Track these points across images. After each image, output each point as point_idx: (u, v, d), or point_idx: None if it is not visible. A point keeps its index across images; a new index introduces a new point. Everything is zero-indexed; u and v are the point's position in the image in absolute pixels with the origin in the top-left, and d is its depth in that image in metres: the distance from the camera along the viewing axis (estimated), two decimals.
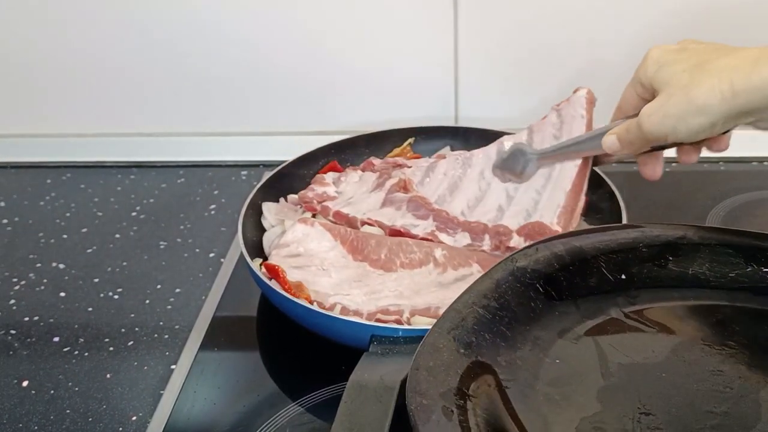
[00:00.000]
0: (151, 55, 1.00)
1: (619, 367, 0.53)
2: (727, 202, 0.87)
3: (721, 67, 0.56)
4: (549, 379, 0.52)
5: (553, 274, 0.58)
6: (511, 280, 0.57)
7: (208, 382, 0.67)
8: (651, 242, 0.61)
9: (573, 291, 0.59)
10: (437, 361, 0.50)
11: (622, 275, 0.60)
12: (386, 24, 0.96)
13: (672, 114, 0.59)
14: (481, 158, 0.82)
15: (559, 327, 0.56)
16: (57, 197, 0.98)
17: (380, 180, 0.83)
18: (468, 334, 0.52)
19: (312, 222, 0.77)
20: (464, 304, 0.54)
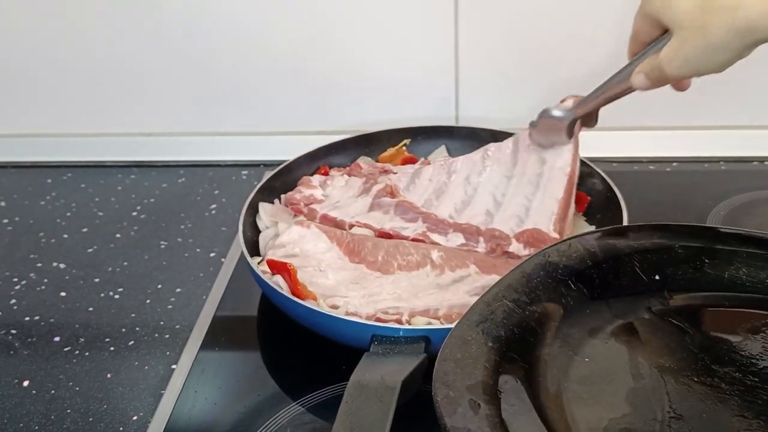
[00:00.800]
0: (151, 55, 1.00)
1: (650, 369, 0.52)
2: (727, 202, 0.87)
3: (734, 5, 0.54)
4: (578, 377, 0.51)
5: (585, 271, 0.57)
6: (543, 275, 0.56)
7: (209, 382, 0.67)
8: (687, 243, 0.60)
9: (605, 289, 0.58)
10: (465, 354, 0.49)
11: (656, 276, 0.59)
12: (386, 24, 0.96)
13: (692, 57, 0.58)
14: (465, 164, 0.83)
15: (589, 325, 0.55)
16: (57, 197, 0.98)
17: (366, 185, 0.83)
18: (497, 328, 0.51)
19: (308, 224, 0.77)
20: (494, 297, 0.54)
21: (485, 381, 0.47)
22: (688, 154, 0.97)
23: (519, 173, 0.79)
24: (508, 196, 0.78)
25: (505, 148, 0.82)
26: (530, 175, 0.78)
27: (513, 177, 0.80)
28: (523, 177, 0.79)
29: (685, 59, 0.58)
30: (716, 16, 0.55)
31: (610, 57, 0.94)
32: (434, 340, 0.61)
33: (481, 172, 0.82)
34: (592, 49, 0.95)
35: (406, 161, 0.90)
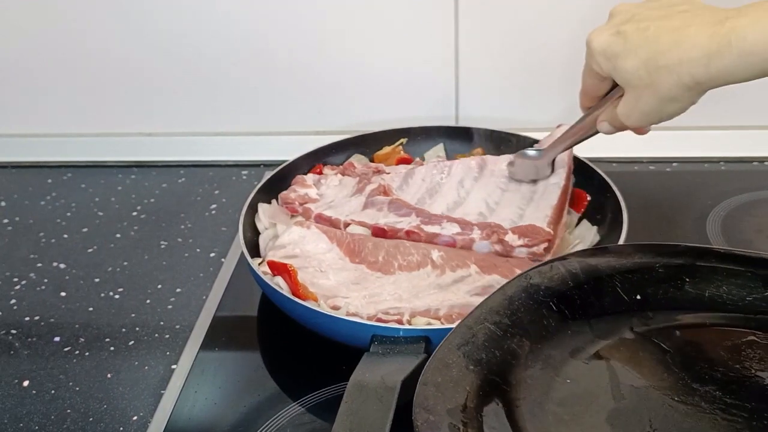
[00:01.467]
0: (151, 55, 1.00)
1: (631, 389, 0.52)
2: (727, 202, 0.87)
3: (676, 62, 0.55)
4: (559, 399, 0.51)
5: (567, 293, 0.58)
6: (524, 297, 0.57)
7: (209, 382, 0.67)
8: (667, 263, 0.60)
9: (586, 310, 0.58)
10: (446, 377, 0.49)
11: (637, 296, 0.59)
12: (386, 24, 0.96)
13: (648, 111, 0.60)
14: (460, 168, 0.84)
15: (571, 346, 0.56)
16: (58, 197, 0.98)
17: (360, 185, 0.84)
18: (478, 351, 0.52)
19: (308, 225, 0.77)
20: (475, 320, 0.54)
21: (466, 405, 0.48)
22: (688, 154, 0.97)
23: (513, 188, 0.81)
24: (501, 205, 0.78)
25: (502, 161, 0.83)
26: (524, 190, 0.80)
27: (507, 190, 0.80)
28: (517, 192, 0.80)
29: (641, 114, 0.60)
30: (662, 75, 0.56)
31: None
32: (434, 340, 0.61)
33: (477, 179, 0.82)
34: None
35: (401, 161, 0.90)
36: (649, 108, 0.59)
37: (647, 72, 0.57)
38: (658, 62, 0.56)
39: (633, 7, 0.62)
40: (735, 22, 0.53)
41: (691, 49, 0.54)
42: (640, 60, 0.58)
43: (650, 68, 0.57)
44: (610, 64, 0.61)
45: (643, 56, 0.57)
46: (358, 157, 0.91)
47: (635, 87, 0.59)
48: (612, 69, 0.61)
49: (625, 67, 0.59)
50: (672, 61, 0.55)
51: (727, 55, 0.53)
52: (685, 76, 0.55)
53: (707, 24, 0.54)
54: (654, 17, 0.58)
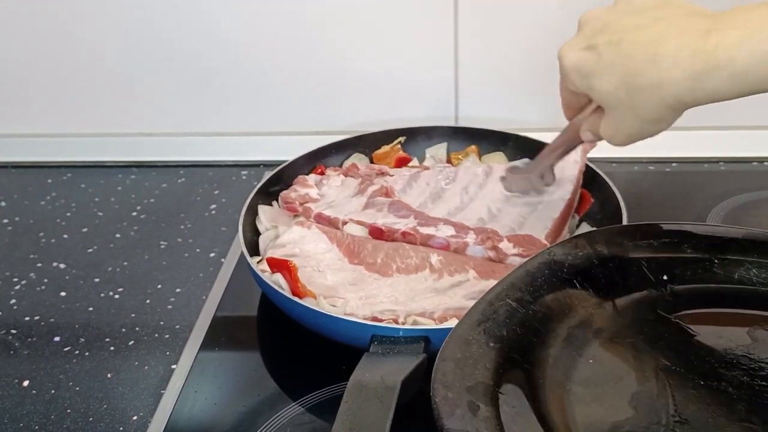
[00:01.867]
0: (151, 55, 1.00)
1: (656, 371, 0.50)
2: (727, 202, 0.87)
3: (657, 83, 0.51)
4: (581, 379, 0.50)
5: (591, 271, 0.56)
6: (548, 273, 0.55)
7: (209, 382, 0.67)
8: (696, 243, 0.58)
9: (611, 289, 0.56)
10: (465, 354, 0.48)
11: (664, 276, 0.57)
12: (386, 24, 0.96)
13: (633, 132, 0.56)
14: (466, 174, 0.84)
15: (594, 326, 0.53)
16: (57, 197, 0.98)
17: (362, 186, 0.84)
18: (499, 328, 0.50)
19: (309, 224, 0.77)
20: (497, 295, 0.52)
21: (485, 382, 0.46)
22: (688, 155, 0.97)
23: (518, 197, 0.80)
24: (503, 212, 0.78)
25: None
26: (529, 200, 0.80)
27: (511, 199, 0.80)
28: (521, 201, 0.80)
29: (625, 135, 0.56)
30: (642, 96, 0.52)
31: None
32: (434, 340, 0.61)
33: (482, 186, 0.82)
34: None
35: (400, 160, 0.90)
36: (632, 129, 0.55)
37: (626, 93, 0.53)
38: (637, 83, 0.52)
39: (604, 13, 0.57)
40: (721, 38, 0.48)
41: (672, 68, 0.50)
42: (617, 79, 0.53)
43: (629, 89, 0.52)
44: (584, 83, 0.56)
45: (620, 75, 0.53)
46: (359, 156, 0.91)
47: (615, 108, 0.55)
48: (587, 88, 0.56)
49: (601, 87, 0.55)
50: (652, 82, 0.51)
51: (714, 76, 0.48)
52: (669, 98, 0.51)
53: (688, 37, 0.50)
54: (627, 27, 0.53)
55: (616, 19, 0.55)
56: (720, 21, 0.49)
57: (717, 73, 0.48)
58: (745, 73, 0.48)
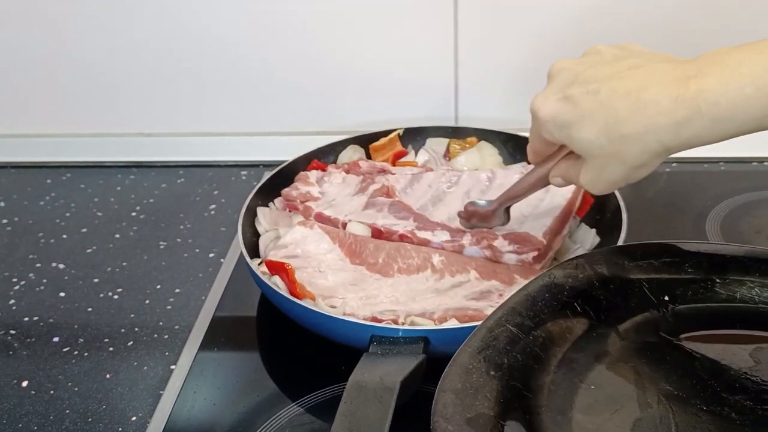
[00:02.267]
0: (151, 55, 1.00)
1: (658, 397, 0.50)
2: (727, 202, 0.87)
3: (642, 131, 0.50)
4: (583, 406, 0.49)
5: (592, 293, 0.55)
6: (548, 297, 0.54)
7: (208, 383, 0.67)
8: (696, 262, 0.57)
9: (612, 311, 0.55)
10: (466, 384, 0.47)
11: (665, 296, 0.56)
12: (386, 24, 0.96)
13: (616, 180, 0.55)
14: (469, 179, 0.83)
15: (596, 350, 0.53)
16: (57, 197, 0.98)
17: (363, 184, 0.83)
18: (499, 355, 0.50)
19: (311, 224, 0.77)
20: (496, 321, 0.51)
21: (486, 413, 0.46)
22: (688, 155, 0.96)
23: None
24: None
25: (511, 175, 0.82)
26: (531, 199, 0.78)
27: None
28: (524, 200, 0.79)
29: (608, 183, 0.55)
30: (627, 144, 0.51)
31: None
32: (433, 340, 0.61)
33: (484, 191, 0.81)
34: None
35: (399, 154, 0.90)
36: (616, 177, 0.54)
37: (609, 141, 0.52)
38: (621, 131, 0.51)
39: (574, 64, 0.56)
40: (701, 84, 0.48)
41: (656, 116, 0.49)
42: (598, 128, 0.52)
43: (612, 137, 0.51)
44: (563, 134, 0.55)
45: (601, 124, 0.52)
46: (354, 148, 0.90)
47: (596, 157, 0.54)
48: (566, 138, 0.55)
49: (582, 137, 0.53)
50: (636, 130, 0.50)
51: (697, 122, 0.48)
52: (653, 144, 0.50)
53: (667, 84, 0.49)
54: (602, 77, 0.53)
55: (588, 70, 0.54)
56: (698, 67, 0.49)
57: (700, 119, 0.48)
58: (727, 118, 0.48)
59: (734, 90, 0.47)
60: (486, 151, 0.89)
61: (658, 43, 0.88)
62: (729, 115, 0.48)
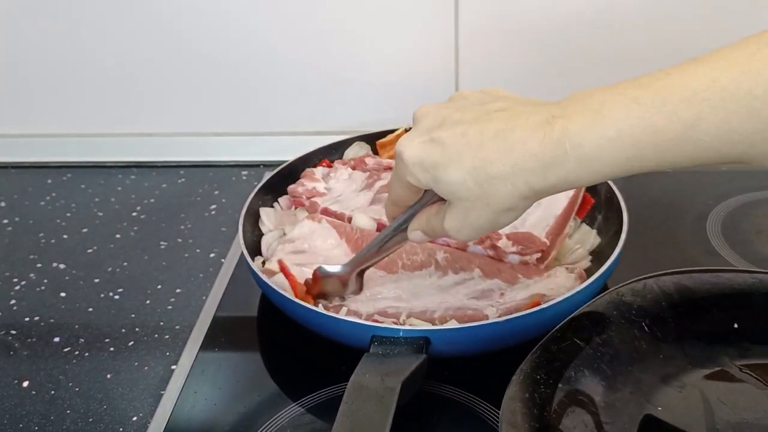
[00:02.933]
0: (151, 55, 1.00)
1: (727, 424, 0.49)
2: (727, 202, 0.87)
3: (510, 172, 0.49)
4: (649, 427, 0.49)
5: (660, 314, 0.55)
6: (616, 315, 0.54)
7: (209, 383, 0.67)
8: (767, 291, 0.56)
9: (680, 334, 0.55)
10: (534, 394, 0.47)
11: (735, 324, 0.56)
12: (386, 24, 0.96)
13: (481, 225, 0.53)
14: None
15: (663, 372, 0.53)
16: (57, 197, 0.98)
17: (369, 181, 0.84)
18: (567, 368, 0.50)
19: (319, 218, 0.77)
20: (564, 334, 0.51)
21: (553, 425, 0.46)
22: None
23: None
24: None
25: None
26: None
27: None
28: None
29: (473, 227, 0.54)
30: (495, 186, 0.50)
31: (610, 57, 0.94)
32: (434, 340, 0.61)
33: None
34: (593, 50, 0.94)
35: None
36: (482, 221, 0.53)
37: (476, 183, 0.51)
38: (488, 172, 0.50)
39: (439, 108, 0.55)
40: (565, 124, 0.47)
41: (523, 157, 0.49)
42: (465, 169, 0.51)
43: (480, 179, 0.50)
44: (428, 176, 0.53)
45: (468, 165, 0.50)
46: (360, 144, 0.90)
47: (463, 199, 0.52)
48: (432, 181, 0.53)
49: (448, 178, 0.52)
50: (504, 171, 0.49)
51: (564, 163, 0.48)
52: (522, 186, 0.50)
53: (533, 125, 0.49)
54: (468, 120, 0.52)
55: (455, 113, 0.53)
56: (563, 108, 0.49)
57: (566, 160, 0.47)
58: (593, 159, 0.47)
59: (597, 132, 0.46)
60: None
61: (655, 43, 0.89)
62: (594, 156, 0.47)
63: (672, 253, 0.79)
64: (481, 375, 0.64)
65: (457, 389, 0.63)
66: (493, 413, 0.61)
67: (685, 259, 0.78)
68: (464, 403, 0.62)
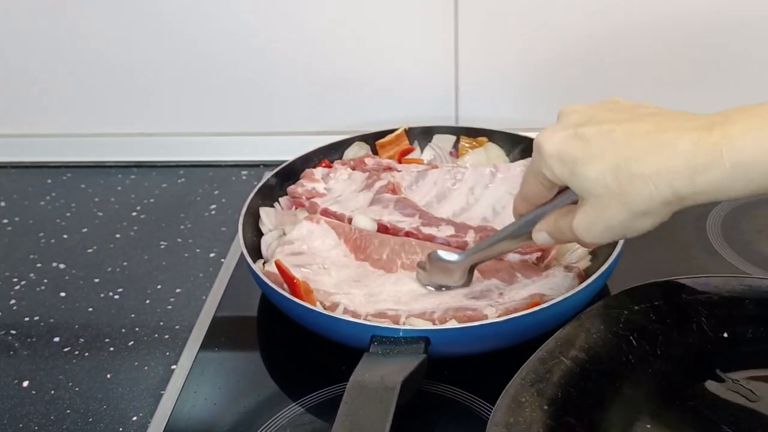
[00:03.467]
0: (151, 55, 1.00)
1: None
2: (727, 202, 0.87)
3: (654, 171, 0.47)
4: None
5: (648, 327, 0.54)
6: (603, 329, 0.53)
7: (209, 383, 0.67)
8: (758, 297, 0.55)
9: (669, 347, 0.54)
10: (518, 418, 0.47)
11: (724, 333, 0.55)
12: (386, 24, 0.96)
13: (614, 226, 0.51)
14: (472, 175, 0.83)
15: (652, 386, 0.52)
16: (57, 197, 0.98)
17: (369, 181, 0.84)
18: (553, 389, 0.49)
19: (318, 219, 0.77)
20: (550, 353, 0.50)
21: None
22: None
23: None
24: (507, 209, 0.78)
25: (514, 168, 0.83)
26: None
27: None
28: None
29: (606, 228, 0.51)
30: (636, 185, 0.48)
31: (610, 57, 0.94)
32: (434, 340, 0.61)
33: (487, 185, 0.82)
34: (593, 50, 0.94)
35: (405, 151, 0.90)
36: (616, 222, 0.50)
37: (616, 180, 0.48)
38: (631, 169, 0.48)
39: (587, 108, 0.53)
40: (726, 129, 0.45)
41: (672, 157, 0.46)
42: (606, 166, 0.49)
43: (621, 176, 0.48)
44: (566, 170, 0.51)
45: (611, 161, 0.49)
46: (360, 144, 0.91)
47: (599, 197, 0.50)
48: (569, 175, 0.51)
49: (587, 173, 0.50)
50: (649, 170, 0.47)
51: (717, 168, 0.45)
52: (665, 189, 0.47)
53: (689, 129, 0.47)
54: (618, 119, 0.50)
55: (603, 113, 0.52)
56: (723, 116, 0.47)
57: (721, 164, 0.45)
58: (752, 165, 0.45)
59: (760, 137, 0.45)
60: (493, 152, 0.89)
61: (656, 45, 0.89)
62: (752, 161, 0.45)
63: (672, 253, 0.79)
64: (480, 375, 0.64)
65: (456, 389, 0.64)
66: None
67: (685, 259, 0.78)
68: (464, 403, 0.62)
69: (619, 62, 0.94)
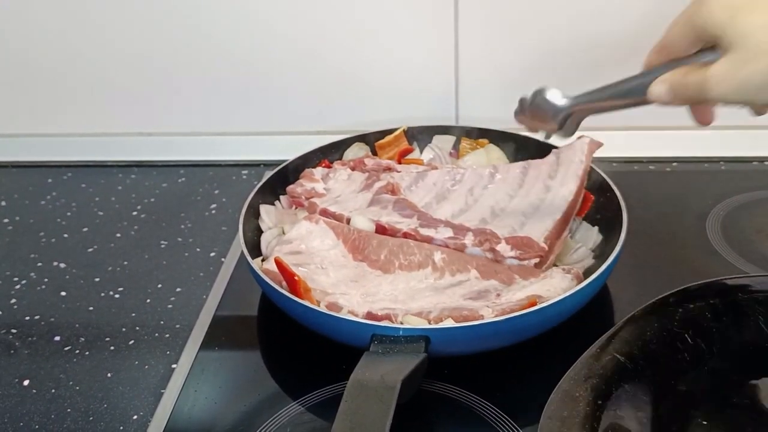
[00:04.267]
0: (152, 55, 1.00)
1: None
2: (727, 202, 0.87)
3: None
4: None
5: (704, 325, 0.53)
6: (657, 327, 0.52)
7: (209, 382, 0.67)
8: None
9: (726, 345, 0.53)
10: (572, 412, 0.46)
11: None
12: (387, 24, 0.96)
13: (751, 84, 0.47)
14: (471, 176, 0.83)
15: (708, 385, 0.51)
16: (58, 197, 0.98)
17: (368, 181, 0.84)
18: (607, 385, 0.48)
19: (317, 219, 0.77)
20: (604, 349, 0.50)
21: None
22: (688, 154, 0.97)
23: (522, 194, 0.80)
24: (506, 211, 0.78)
25: (514, 169, 0.83)
26: (533, 198, 0.79)
27: (516, 197, 0.80)
28: (526, 198, 0.79)
29: (740, 84, 0.48)
30: None
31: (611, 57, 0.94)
32: (434, 339, 0.61)
33: (486, 186, 0.82)
34: (594, 50, 0.95)
35: (405, 152, 0.90)
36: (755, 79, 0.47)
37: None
38: None
39: None
40: None
41: None
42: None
43: None
44: (725, 14, 0.48)
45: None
46: (360, 145, 0.91)
47: (748, 49, 0.47)
48: (728, 19, 0.48)
49: (747, 20, 0.46)
50: None
51: None
52: None
53: None
54: None
55: None
56: None
57: None
58: None
59: None
60: (493, 153, 0.89)
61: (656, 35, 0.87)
62: None
63: (672, 252, 0.79)
64: (480, 374, 0.65)
65: (456, 388, 0.64)
66: (493, 411, 0.61)
67: (685, 259, 0.78)
68: (464, 402, 0.62)
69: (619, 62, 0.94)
